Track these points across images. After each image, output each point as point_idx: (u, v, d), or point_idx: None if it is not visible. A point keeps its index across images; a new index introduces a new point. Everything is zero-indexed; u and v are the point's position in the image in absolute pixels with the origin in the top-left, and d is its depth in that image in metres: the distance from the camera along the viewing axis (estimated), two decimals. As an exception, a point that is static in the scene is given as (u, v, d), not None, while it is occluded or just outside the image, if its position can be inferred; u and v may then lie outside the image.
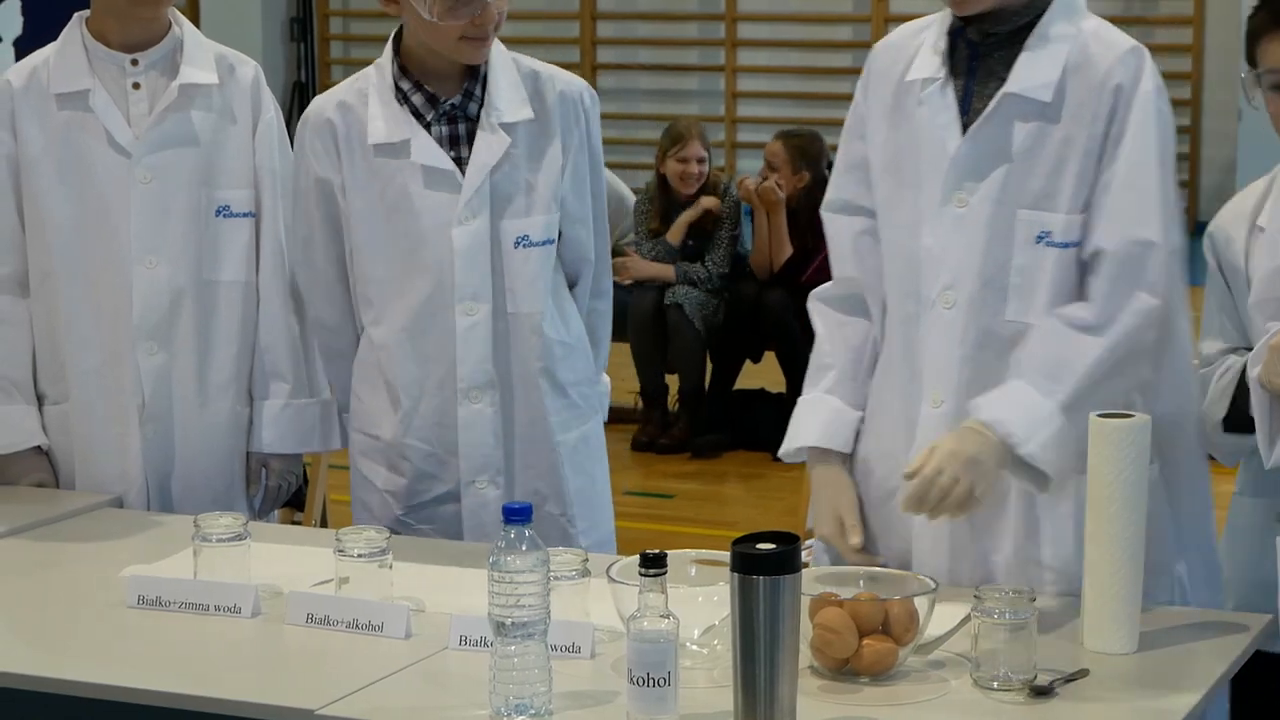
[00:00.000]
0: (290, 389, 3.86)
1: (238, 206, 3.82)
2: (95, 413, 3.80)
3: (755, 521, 3.25)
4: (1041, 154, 3.08)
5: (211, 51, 3.84)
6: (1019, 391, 3.04)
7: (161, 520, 3.66)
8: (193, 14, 15.46)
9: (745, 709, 2.56)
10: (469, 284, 3.59)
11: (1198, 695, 2.73)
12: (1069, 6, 3.15)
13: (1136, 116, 3.06)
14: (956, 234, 3.11)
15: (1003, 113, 3.10)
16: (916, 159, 3.17)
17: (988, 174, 3.10)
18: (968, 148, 3.11)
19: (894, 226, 3.21)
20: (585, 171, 3.68)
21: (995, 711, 2.68)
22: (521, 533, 2.58)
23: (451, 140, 3.61)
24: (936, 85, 3.15)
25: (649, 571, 2.58)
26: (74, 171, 3.77)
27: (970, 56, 3.15)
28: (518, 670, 2.59)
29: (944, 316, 3.12)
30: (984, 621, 2.73)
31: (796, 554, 2.57)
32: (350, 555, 3.04)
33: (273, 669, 2.93)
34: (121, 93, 3.79)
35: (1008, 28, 3.12)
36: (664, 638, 2.56)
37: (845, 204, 3.30)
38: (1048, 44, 3.11)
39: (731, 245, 8.49)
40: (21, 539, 3.53)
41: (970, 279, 3.11)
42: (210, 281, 3.81)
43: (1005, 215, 3.09)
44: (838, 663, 2.77)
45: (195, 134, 3.79)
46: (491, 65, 3.62)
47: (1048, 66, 3.09)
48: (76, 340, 3.79)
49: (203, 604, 3.06)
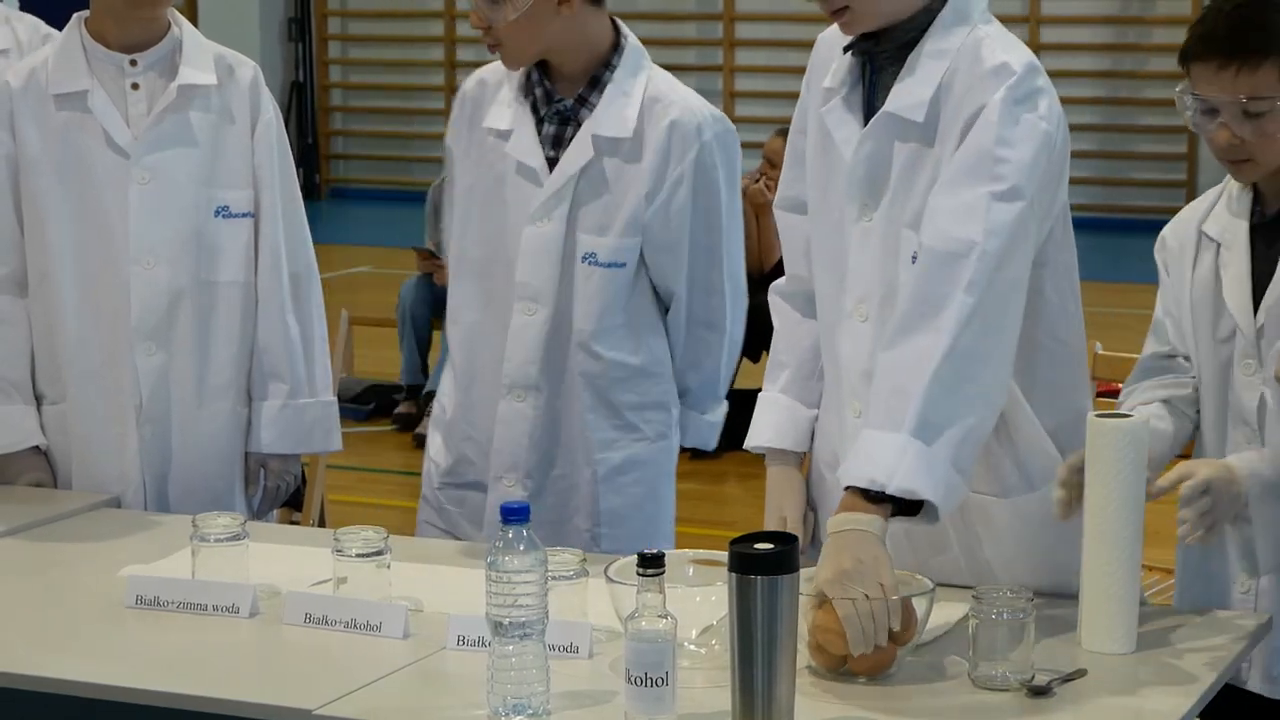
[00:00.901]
0: (289, 389, 3.87)
1: (236, 207, 3.82)
2: (93, 413, 3.81)
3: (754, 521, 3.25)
4: (919, 174, 3.03)
5: (210, 52, 3.85)
6: (868, 442, 2.90)
7: (160, 520, 3.66)
8: (191, 14, 15.46)
9: (743, 709, 2.56)
10: (530, 284, 3.60)
11: (1195, 695, 2.73)
12: (958, 17, 3.04)
13: (978, 124, 2.95)
14: (864, 249, 3.10)
15: (882, 132, 3.06)
16: (830, 168, 3.15)
17: (880, 191, 3.08)
18: (859, 164, 3.08)
19: (818, 233, 3.20)
20: (685, 204, 3.59)
21: (993, 711, 2.68)
22: (520, 533, 2.58)
23: (555, 141, 3.61)
24: (840, 96, 3.13)
25: (647, 571, 2.58)
26: (73, 172, 3.77)
27: (871, 71, 3.12)
28: (515, 670, 2.59)
29: (858, 328, 3.11)
30: (981, 621, 2.74)
31: (794, 554, 2.57)
32: (348, 555, 3.04)
33: (271, 669, 2.93)
34: (120, 93, 3.79)
35: (893, 45, 3.07)
36: (662, 638, 2.56)
37: (794, 201, 3.29)
38: (926, 62, 3.04)
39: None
40: (20, 539, 3.53)
41: (875, 294, 3.09)
42: (209, 282, 3.81)
43: (894, 233, 3.06)
44: (835, 662, 2.77)
45: (194, 134, 3.79)
46: (615, 77, 3.60)
47: (922, 86, 3.03)
48: (75, 340, 3.79)
49: (201, 604, 3.06)
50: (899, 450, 2.85)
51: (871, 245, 3.07)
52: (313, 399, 3.90)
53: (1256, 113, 2.95)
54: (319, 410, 3.91)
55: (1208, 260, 3.13)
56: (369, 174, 16.91)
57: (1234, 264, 3.09)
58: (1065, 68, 14.70)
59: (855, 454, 2.91)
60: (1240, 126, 2.97)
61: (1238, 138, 2.98)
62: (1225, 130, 2.98)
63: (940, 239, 2.93)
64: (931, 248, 2.93)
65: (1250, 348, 3.06)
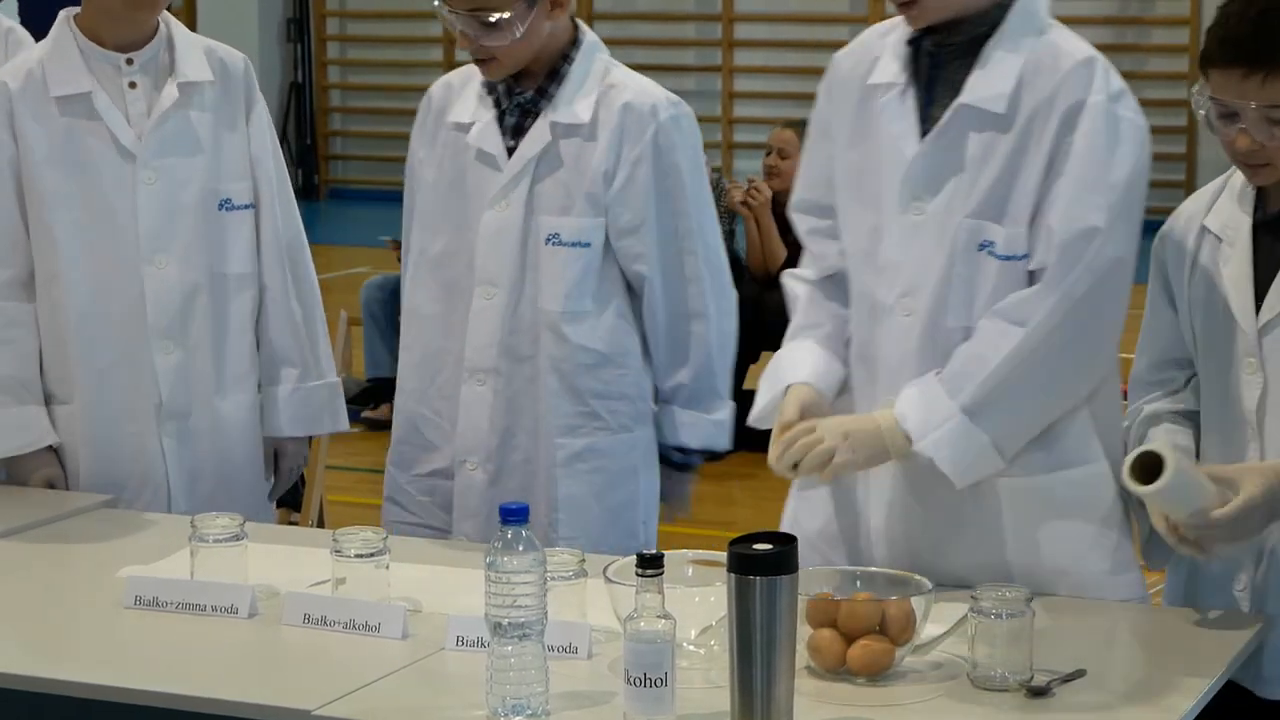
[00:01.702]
0: (298, 373, 3.93)
1: (238, 199, 3.87)
2: (106, 413, 3.82)
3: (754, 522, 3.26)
4: (991, 164, 3.08)
5: (200, 46, 3.87)
6: (929, 386, 3.07)
7: (159, 520, 3.66)
8: (189, 14, 15.46)
9: (742, 709, 2.56)
10: (488, 268, 3.67)
11: (1195, 695, 2.73)
12: (1028, 16, 3.12)
13: (1085, 127, 3.03)
14: (913, 242, 3.12)
15: (957, 123, 3.10)
16: (877, 165, 3.17)
17: (943, 183, 3.11)
18: (923, 157, 3.12)
19: (854, 231, 3.22)
20: (648, 185, 3.64)
21: (992, 712, 2.68)
22: (519, 533, 2.58)
23: (515, 130, 3.68)
24: (896, 91, 3.16)
25: (646, 572, 2.58)
26: (79, 174, 3.78)
27: (930, 65, 3.15)
28: (514, 671, 2.59)
29: (901, 323, 3.14)
30: (981, 621, 2.73)
31: (794, 555, 2.57)
32: (347, 556, 3.04)
33: (269, 669, 2.93)
34: (119, 93, 3.80)
35: (964, 38, 3.12)
36: (661, 638, 2.56)
37: (814, 204, 3.31)
38: (1004, 55, 3.09)
39: (728, 246, 8.47)
40: (20, 539, 3.53)
41: (926, 287, 3.12)
42: (220, 275, 3.85)
43: (953, 224, 3.10)
44: (835, 662, 2.77)
45: (196, 133, 3.82)
46: (574, 68, 3.67)
47: (1002, 78, 3.08)
48: (85, 341, 3.80)
49: (199, 604, 3.06)
50: (944, 416, 3.03)
51: (922, 238, 3.11)
52: (320, 381, 3.96)
53: (1278, 120, 2.94)
54: (326, 392, 3.98)
55: (1207, 255, 3.12)
56: (368, 175, 16.90)
57: (1235, 260, 3.08)
58: (1064, 68, 14.70)
59: (918, 392, 3.07)
60: (1262, 133, 2.96)
61: (1258, 144, 2.97)
62: (1246, 136, 2.97)
63: (1062, 227, 3.02)
64: (1055, 233, 3.02)
65: (1252, 346, 3.05)
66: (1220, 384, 3.10)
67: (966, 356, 3.06)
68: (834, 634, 2.77)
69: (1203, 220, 3.14)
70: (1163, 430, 3.16)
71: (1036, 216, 3.06)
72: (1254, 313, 3.05)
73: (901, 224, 3.13)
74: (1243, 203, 3.10)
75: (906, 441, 3.06)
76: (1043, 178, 3.05)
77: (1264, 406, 3.04)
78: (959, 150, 3.10)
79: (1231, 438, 3.08)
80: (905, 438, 3.06)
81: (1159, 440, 3.06)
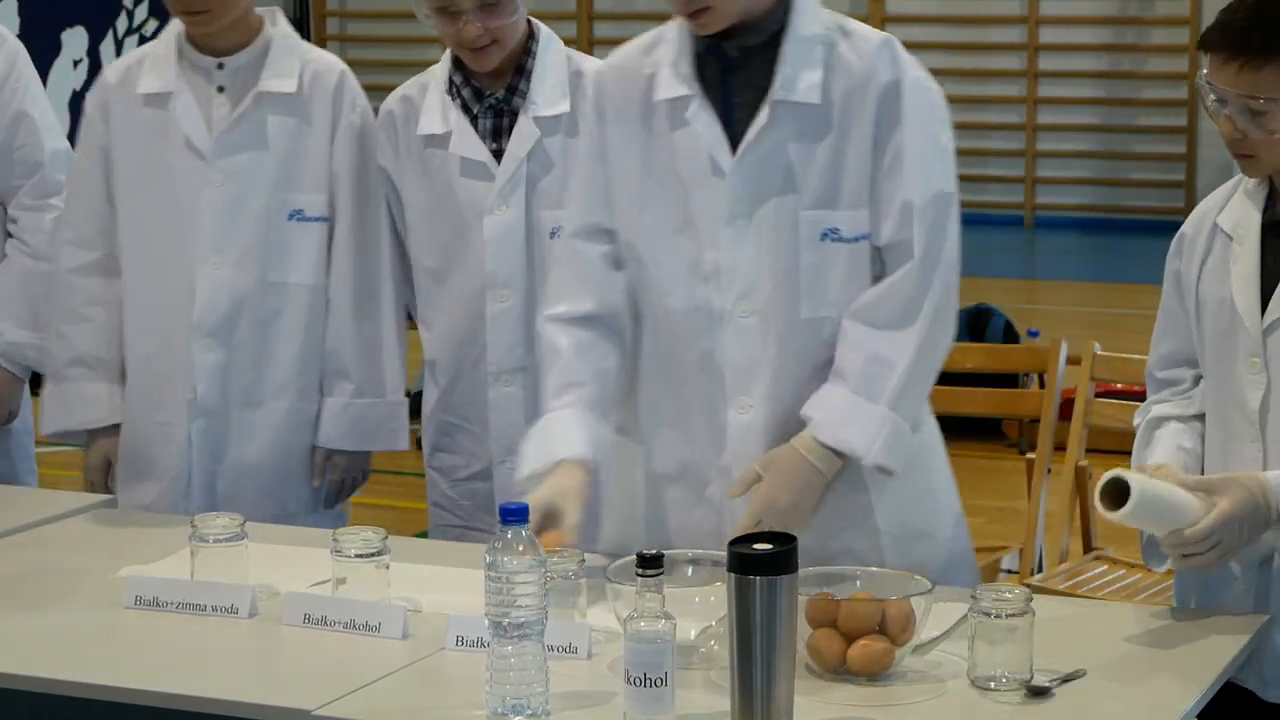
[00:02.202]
0: (354, 388, 3.95)
1: (311, 210, 3.91)
2: (146, 400, 3.92)
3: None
4: (817, 155, 3.12)
5: (298, 56, 3.93)
6: (847, 401, 3.10)
7: (159, 520, 3.66)
8: (190, 14, 15.45)
9: (742, 709, 2.56)
10: (499, 272, 3.73)
11: (1195, 696, 2.73)
12: (809, 7, 3.17)
13: (908, 103, 3.12)
14: (744, 245, 3.14)
15: (775, 120, 3.12)
16: (683, 179, 3.17)
17: (769, 182, 3.14)
18: (745, 159, 3.13)
19: (667, 249, 3.19)
20: None
21: (992, 712, 2.68)
22: (519, 533, 2.58)
23: (494, 133, 3.74)
24: (694, 103, 3.16)
25: (646, 572, 2.58)
26: (152, 170, 3.88)
27: (723, 70, 3.16)
28: (515, 671, 2.59)
29: (743, 325, 3.16)
30: (981, 621, 2.73)
31: (793, 554, 2.57)
32: (347, 555, 3.04)
33: (269, 669, 2.93)
34: (206, 96, 3.88)
35: (762, 38, 3.14)
36: (660, 638, 2.56)
37: (592, 230, 3.28)
38: (803, 46, 3.13)
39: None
40: (20, 539, 3.53)
41: (764, 287, 3.15)
42: (278, 284, 3.89)
43: (789, 219, 3.14)
44: (835, 662, 2.77)
45: (270, 139, 3.87)
46: (538, 61, 3.75)
47: (810, 69, 3.12)
48: (134, 327, 3.92)
49: (200, 604, 3.06)
50: (878, 422, 3.09)
51: (755, 238, 3.14)
52: (379, 398, 3.97)
53: (1258, 110, 2.95)
54: (385, 410, 3.99)
55: (1218, 253, 3.13)
56: (368, 174, 16.92)
57: (1244, 259, 3.08)
58: (1065, 68, 14.71)
59: (831, 411, 3.10)
60: (1243, 121, 2.98)
61: (1240, 131, 2.99)
62: (1229, 123, 2.99)
63: (921, 197, 3.11)
64: (915, 202, 3.10)
65: (1256, 345, 3.05)
66: (1224, 383, 3.10)
67: (868, 358, 3.10)
68: (834, 634, 2.77)
69: (1215, 218, 3.14)
70: (1168, 432, 3.17)
71: (876, 194, 3.12)
72: (1259, 312, 3.05)
73: (729, 231, 3.14)
74: (1254, 201, 3.10)
75: (838, 458, 3.10)
76: (871, 156, 3.12)
77: (1267, 406, 3.04)
78: (781, 147, 3.13)
79: (1234, 437, 3.08)
80: (837, 455, 3.09)
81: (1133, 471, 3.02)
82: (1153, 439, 3.17)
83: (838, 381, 3.11)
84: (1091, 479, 4.65)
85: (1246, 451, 3.05)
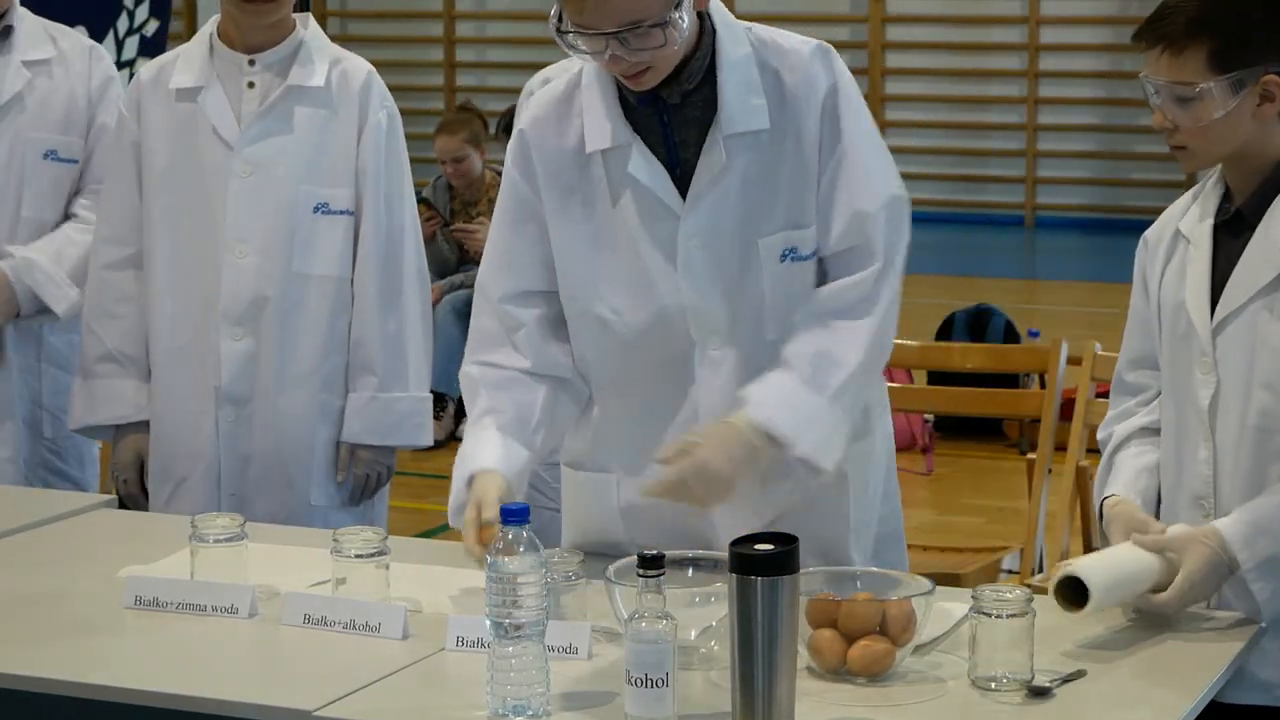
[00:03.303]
0: (378, 383, 3.98)
1: (336, 204, 3.97)
2: (175, 390, 3.98)
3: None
4: (772, 179, 3.12)
5: (328, 56, 4.01)
6: (787, 388, 3.07)
7: (159, 520, 3.67)
8: (190, 14, 15.46)
9: (743, 709, 2.56)
10: None
11: (1194, 696, 2.73)
12: (729, 28, 3.14)
13: (846, 109, 3.12)
14: (704, 283, 3.13)
15: (733, 155, 3.10)
16: (630, 227, 3.15)
17: (724, 217, 3.12)
18: (699, 201, 3.12)
19: (622, 299, 3.17)
20: None
21: (993, 712, 2.68)
22: (520, 534, 2.58)
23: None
24: (633, 151, 3.13)
25: (647, 572, 2.58)
26: (182, 162, 3.96)
27: (660, 112, 3.13)
28: (515, 671, 2.59)
29: (713, 358, 3.16)
30: (981, 622, 2.73)
31: (795, 555, 2.57)
32: (347, 555, 3.04)
33: (270, 670, 2.93)
34: (237, 91, 3.96)
35: (698, 80, 3.12)
36: (661, 638, 2.55)
37: (524, 295, 3.23)
38: (738, 73, 3.11)
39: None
40: (20, 539, 3.53)
41: (729, 320, 3.14)
42: (301, 275, 3.95)
43: (748, 249, 3.13)
44: (835, 662, 2.77)
45: (296, 132, 3.95)
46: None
47: (752, 94, 3.11)
48: (166, 319, 3.98)
49: (200, 604, 3.06)
50: (817, 415, 3.05)
51: (714, 277, 3.13)
52: (404, 394, 4.00)
53: (1183, 97, 2.98)
54: (410, 405, 4.02)
55: (1177, 257, 3.14)
56: (368, 174, 16.93)
57: (1197, 260, 3.10)
58: (1065, 68, 14.71)
59: (770, 393, 3.05)
60: (1173, 110, 3.02)
61: (1170, 121, 3.03)
62: (1160, 114, 3.04)
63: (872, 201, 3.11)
64: (869, 210, 3.10)
65: (1206, 346, 3.05)
66: (1180, 385, 3.11)
67: (817, 353, 3.08)
68: (834, 634, 2.77)
69: (1178, 224, 3.16)
70: (1128, 456, 3.20)
71: (824, 203, 3.12)
72: (1209, 314, 3.06)
73: (687, 271, 3.13)
74: (1209, 203, 3.12)
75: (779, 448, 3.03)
76: (822, 168, 3.12)
77: (1215, 406, 3.05)
78: (734, 180, 3.12)
79: (1186, 439, 3.09)
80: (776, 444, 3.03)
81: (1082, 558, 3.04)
82: (1113, 465, 3.21)
83: (785, 369, 3.09)
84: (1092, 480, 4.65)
85: (1200, 452, 3.06)
